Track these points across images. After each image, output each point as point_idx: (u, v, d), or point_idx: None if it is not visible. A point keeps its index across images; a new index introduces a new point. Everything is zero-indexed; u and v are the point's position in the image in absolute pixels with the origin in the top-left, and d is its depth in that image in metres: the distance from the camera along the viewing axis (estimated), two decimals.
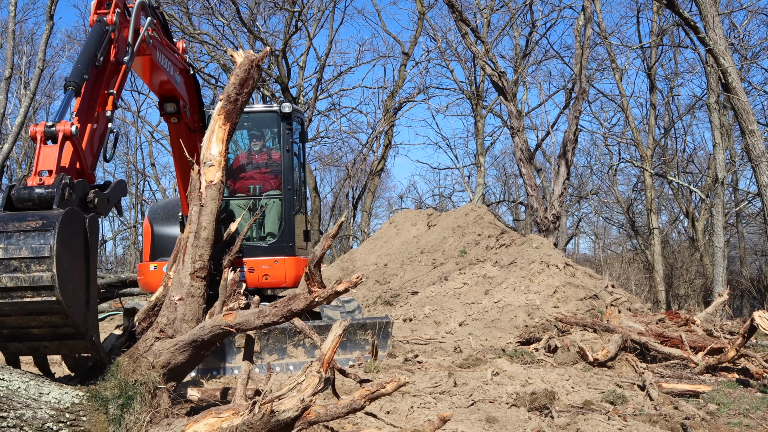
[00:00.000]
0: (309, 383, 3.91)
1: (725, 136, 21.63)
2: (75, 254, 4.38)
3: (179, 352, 4.66)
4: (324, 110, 28.75)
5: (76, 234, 4.40)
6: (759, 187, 12.38)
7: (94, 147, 5.20)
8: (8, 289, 4.07)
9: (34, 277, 4.05)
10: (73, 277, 4.31)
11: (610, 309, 9.52)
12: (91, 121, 5.15)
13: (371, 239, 19.36)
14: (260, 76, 6.16)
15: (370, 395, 4.15)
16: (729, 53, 12.56)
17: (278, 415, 3.77)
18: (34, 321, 4.25)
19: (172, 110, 7.23)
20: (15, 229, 4.12)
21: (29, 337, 4.42)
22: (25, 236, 4.09)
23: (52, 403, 4.16)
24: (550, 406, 5.56)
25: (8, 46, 17.54)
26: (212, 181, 5.63)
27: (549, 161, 27.76)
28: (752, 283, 25.55)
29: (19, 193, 4.43)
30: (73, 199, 4.53)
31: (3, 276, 4.06)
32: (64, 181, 4.47)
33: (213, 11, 23.36)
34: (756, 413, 6.02)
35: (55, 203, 4.35)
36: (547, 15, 25.88)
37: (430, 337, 10.17)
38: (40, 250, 4.05)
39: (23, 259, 4.05)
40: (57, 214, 4.23)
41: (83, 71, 5.04)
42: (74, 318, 4.26)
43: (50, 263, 4.04)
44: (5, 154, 17.86)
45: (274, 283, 8.58)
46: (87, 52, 5.18)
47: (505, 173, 37.51)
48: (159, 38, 6.43)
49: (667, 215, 32.29)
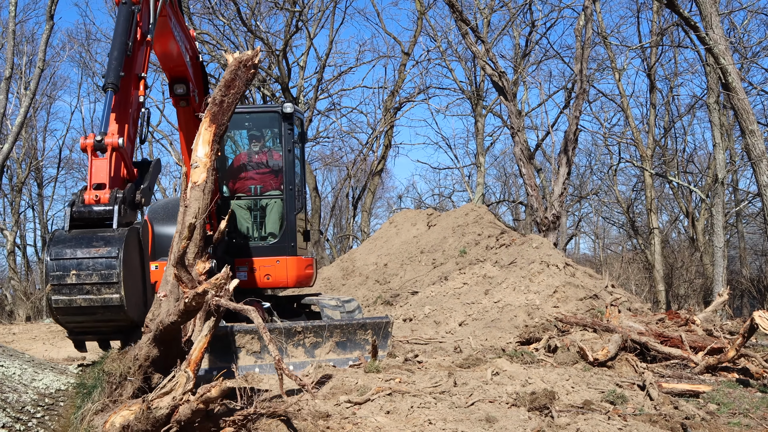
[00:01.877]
0: (179, 383, 4.19)
1: (725, 135, 21.64)
2: (135, 268, 5.06)
3: (153, 345, 4.78)
4: (324, 110, 28.78)
5: (134, 250, 5.05)
6: (759, 187, 12.39)
7: (132, 134, 5.54)
8: (82, 308, 4.77)
9: (105, 299, 4.74)
10: (136, 289, 5.02)
11: (610, 309, 9.52)
12: (127, 113, 5.46)
13: (371, 239, 19.37)
14: (252, 76, 6.10)
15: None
16: (729, 53, 12.57)
17: (155, 412, 4.09)
18: (103, 325, 5.02)
19: (182, 92, 7.32)
20: (84, 255, 4.75)
21: (97, 333, 5.23)
22: (94, 262, 4.74)
23: (39, 388, 4.50)
24: (550, 406, 5.57)
25: (8, 46, 17.56)
26: (197, 182, 5.63)
27: (549, 161, 27.77)
28: (752, 283, 25.55)
29: (80, 212, 4.99)
30: (127, 213, 5.13)
31: (77, 298, 4.72)
32: (118, 196, 5.03)
33: (213, 11, 23.38)
34: (756, 413, 6.03)
35: (114, 222, 4.93)
36: (547, 15, 25.88)
37: (430, 337, 10.18)
38: (108, 277, 4.71)
39: (94, 284, 4.72)
40: (119, 237, 4.84)
41: (119, 68, 5.30)
42: (135, 321, 4.99)
43: (118, 287, 4.72)
44: (5, 154, 17.88)
45: (275, 282, 8.60)
46: (119, 44, 5.39)
47: (505, 173, 37.55)
48: (174, 8, 6.54)
49: (667, 215, 32.32)
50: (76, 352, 5.96)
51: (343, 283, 16.92)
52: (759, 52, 22.48)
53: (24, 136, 28.47)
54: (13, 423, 4.29)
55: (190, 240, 4.57)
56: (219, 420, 4.37)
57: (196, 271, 5.38)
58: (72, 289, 4.68)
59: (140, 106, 5.63)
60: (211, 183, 5.73)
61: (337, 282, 17.10)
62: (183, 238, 4.50)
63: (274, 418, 4.53)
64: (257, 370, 6.93)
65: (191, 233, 4.54)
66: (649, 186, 24.29)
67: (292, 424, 4.60)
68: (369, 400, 5.50)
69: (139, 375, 4.68)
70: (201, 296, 4.37)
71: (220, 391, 4.09)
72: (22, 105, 18.68)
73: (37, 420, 4.39)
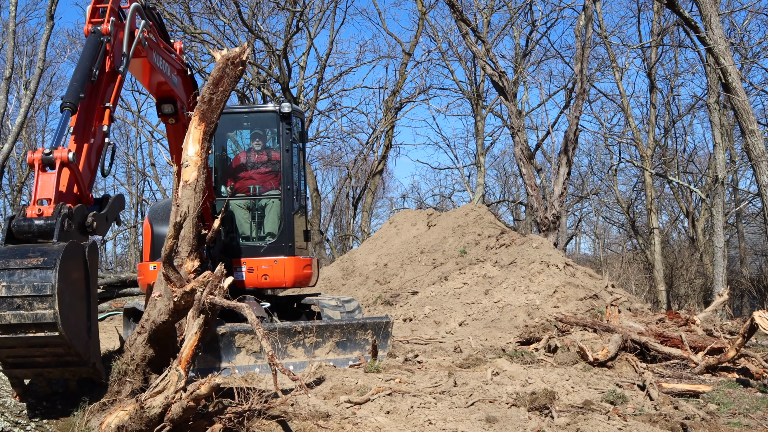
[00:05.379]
0: (171, 381, 4.13)
1: (725, 136, 21.62)
2: (76, 287, 4.46)
3: (148, 346, 4.76)
4: (324, 110, 28.77)
5: (76, 266, 4.48)
6: (759, 187, 12.38)
7: (92, 163, 5.24)
8: (12, 326, 4.16)
9: (37, 314, 4.14)
10: (75, 310, 4.41)
11: (610, 309, 9.52)
12: (87, 138, 5.17)
13: (371, 239, 19.36)
14: (240, 73, 6.04)
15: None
16: (729, 53, 12.56)
17: (148, 411, 4.04)
18: (38, 352, 4.35)
19: (169, 111, 7.23)
20: (17, 266, 4.20)
21: (33, 365, 4.51)
22: (27, 273, 4.17)
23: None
24: (550, 406, 5.56)
25: (9, 46, 17.55)
26: (188, 180, 5.61)
27: (549, 161, 27.75)
28: (752, 283, 25.54)
29: (19, 226, 4.50)
30: (72, 230, 4.60)
31: (7, 313, 4.14)
32: (63, 211, 4.54)
33: (214, 11, 23.36)
34: (756, 413, 6.03)
35: (55, 236, 4.42)
36: (548, 15, 25.86)
37: (430, 337, 10.18)
38: (42, 289, 4.14)
39: (26, 297, 4.14)
40: (57, 249, 4.29)
41: (79, 89, 5.07)
42: (76, 348, 4.37)
43: (52, 301, 4.14)
44: (5, 154, 17.86)
45: (273, 283, 8.58)
46: (83, 68, 5.18)
47: (505, 173, 37.52)
48: (155, 40, 6.41)
49: (667, 215, 32.28)
50: None
51: (343, 283, 16.91)
52: (759, 53, 22.49)
53: (24, 136, 28.47)
54: (12, 427, 4.28)
55: (176, 239, 4.55)
56: (213, 417, 4.36)
57: (185, 270, 5.34)
58: (1, 304, 4.16)
59: (104, 136, 5.36)
60: (202, 181, 5.69)
61: (337, 282, 17.09)
62: (170, 237, 4.47)
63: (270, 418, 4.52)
64: (257, 370, 6.93)
65: (177, 232, 4.53)
66: (649, 186, 24.26)
67: (287, 424, 4.59)
68: (369, 400, 5.49)
69: (137, 375, 4.68)
70: (189, 295, 4.37)
71: (209, 388, 4.07)
72: (22, 105, 18.67)
73: (35, 423, 4.37)
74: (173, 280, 4.52)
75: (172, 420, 4.06)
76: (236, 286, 8.19)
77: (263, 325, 6.59)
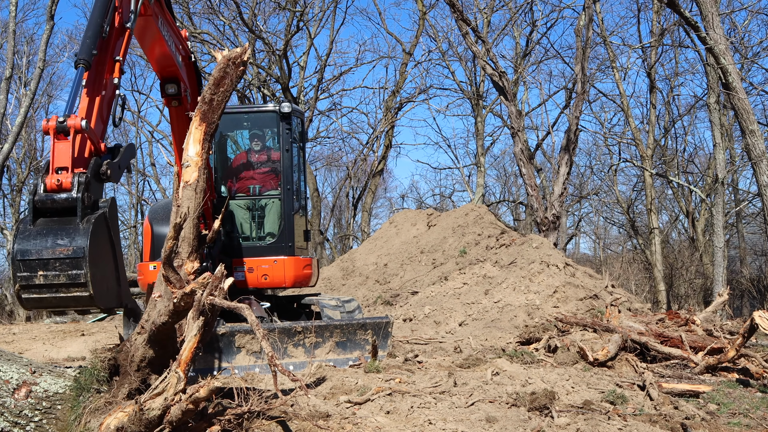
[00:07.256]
0: (171, 383, 4.15)
1: (725, 136, 21.64)
2: (102, 253, 4.92)
3: (148, 347, 4.77)
4: (324, 110, 28.79)
5: (102, 237, 4.93)
6: (759, 187, 12.38)
7: (104, 115, 5.48)
8: (53, 301, 4.78)
9: (75, 296, 4.74)
10: (105, 277, 4.93)
11: (610, 309, 9.52)
12: (99, 91, 5.42)
13: (371, 239, 19.36)
14: (241, 73, 6.08)
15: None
16: (729, 53, 12.56)
17: (147, 413, 4.07)
18: (74, 306, 5.01)
19: (173, 92, 7.32)
20: (50, 256, 4.71)
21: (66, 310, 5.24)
22: (61, 264, 4.69)
23: (37, 392, 4.51)
24: (550, 406, 5.56)
25: (9, 46, 17.56)
26: (188, 181, 5.61)
27: (549, 161, 27.80)
28: (752, 283, 25.55)
29: (42, 202, 4.88)
30: (92, 202, 4.97)
31: (48, 296, 4.74)
32: (80, 179, 4.87)
33: (214, 11, 23.38)
34: (756, 413, 6.02)
35: (78, 215, 4.81)
36: (548, 15, 25.89)
37: (430, 337, 10.18)
38: (76, 278, 4.68)
39: (62, 285, 4.71)
40: (84, 233, 4.74)
41: (92, 46, 5.29)
42: (112, 310, 5.24)
43: (87, 287, 4.68)
44: (5, 154, 17.87)
45: (273, 283, 8.58)
46: (94, 25, 5.42)
47: (505, 173, 37.52)
48: (161, 8, 6.54)
49: (667, 215, 32.29)
50: (76, 353, 5.92)
51: (343, 283, 16.91)
52: (759, 52, 22.50)
53: (24, 136, 28.45)
54: (12, 428, 4.30)
55: (176, 240, 4.56)
56: (213, 419, 4.36)
57: (185, 271, 5.35)
58: (41, 289, 4.73)
59: (115, 88, 5.60)
60: (203, 182, 5.70)
61: (337, 282, 17.10)
62: (170, 238, 4.49)
63: (270, 419, 4.51)
64: (257, 370, 6.93)
65: (177, 233, 4.54)
66: (649, 186, 24.27)
67: (287, 425, 4.58)
68: (369, 400, 5.49)
69: (136, 376, 4.68)
70: (189, 296, 4.36)
71: (208, 390, 4.07)
72: (22, 105, 18.68)
73: (35, 424, 4.40)
74: (173, 282, 4.52)
75: (171, 422, 4.06)
76: (236, 286, 8.18)
77: (263, 326, 6.60)
